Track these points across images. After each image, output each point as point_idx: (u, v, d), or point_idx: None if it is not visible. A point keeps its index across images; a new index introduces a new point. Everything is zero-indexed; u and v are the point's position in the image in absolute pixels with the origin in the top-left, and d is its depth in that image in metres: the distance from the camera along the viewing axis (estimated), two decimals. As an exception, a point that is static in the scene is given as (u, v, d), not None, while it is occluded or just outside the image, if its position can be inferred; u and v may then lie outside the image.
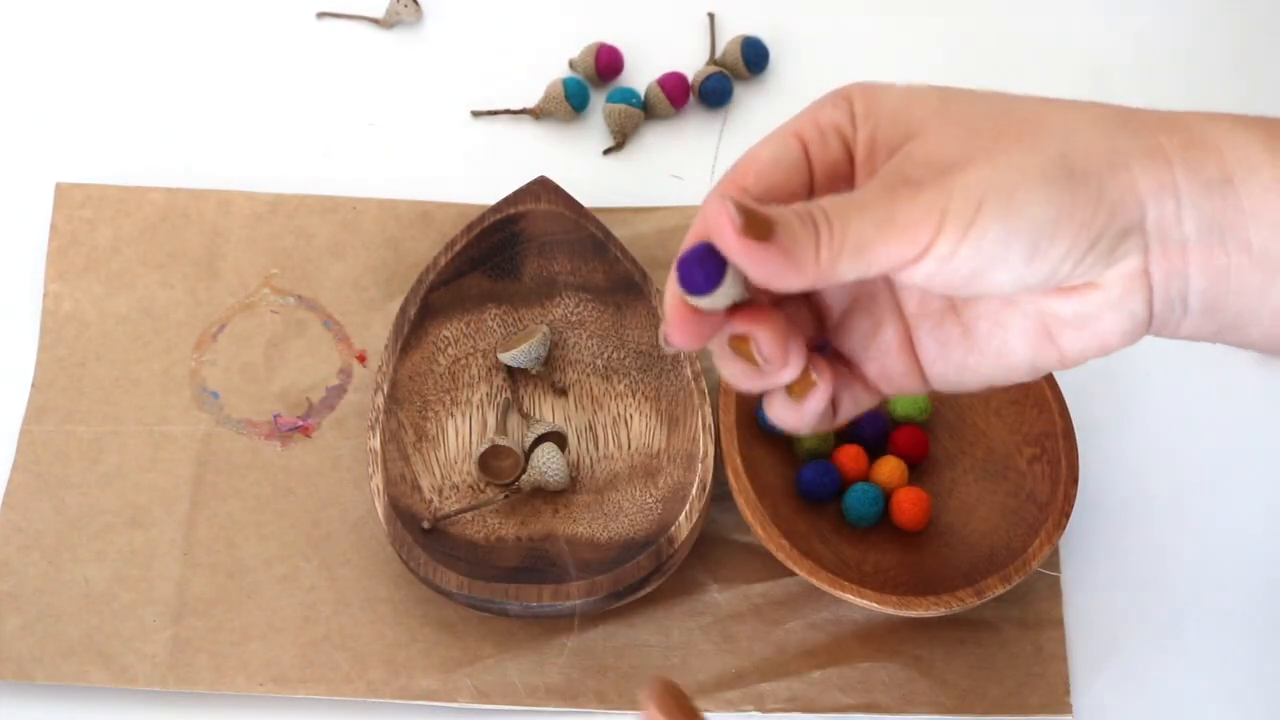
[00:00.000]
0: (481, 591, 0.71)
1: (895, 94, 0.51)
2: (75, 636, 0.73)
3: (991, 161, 0.48)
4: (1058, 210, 0.47)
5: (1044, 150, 0.48)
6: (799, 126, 0.52)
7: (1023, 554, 0.70)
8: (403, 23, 0.92)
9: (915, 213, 0.47)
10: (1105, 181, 0.48)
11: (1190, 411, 0.79)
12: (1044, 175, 0.47)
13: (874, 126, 0.51)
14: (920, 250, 0.47)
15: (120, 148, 0.87)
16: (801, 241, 0.47)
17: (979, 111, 0.50)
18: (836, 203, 0.48)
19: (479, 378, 0.78)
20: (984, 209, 0.47)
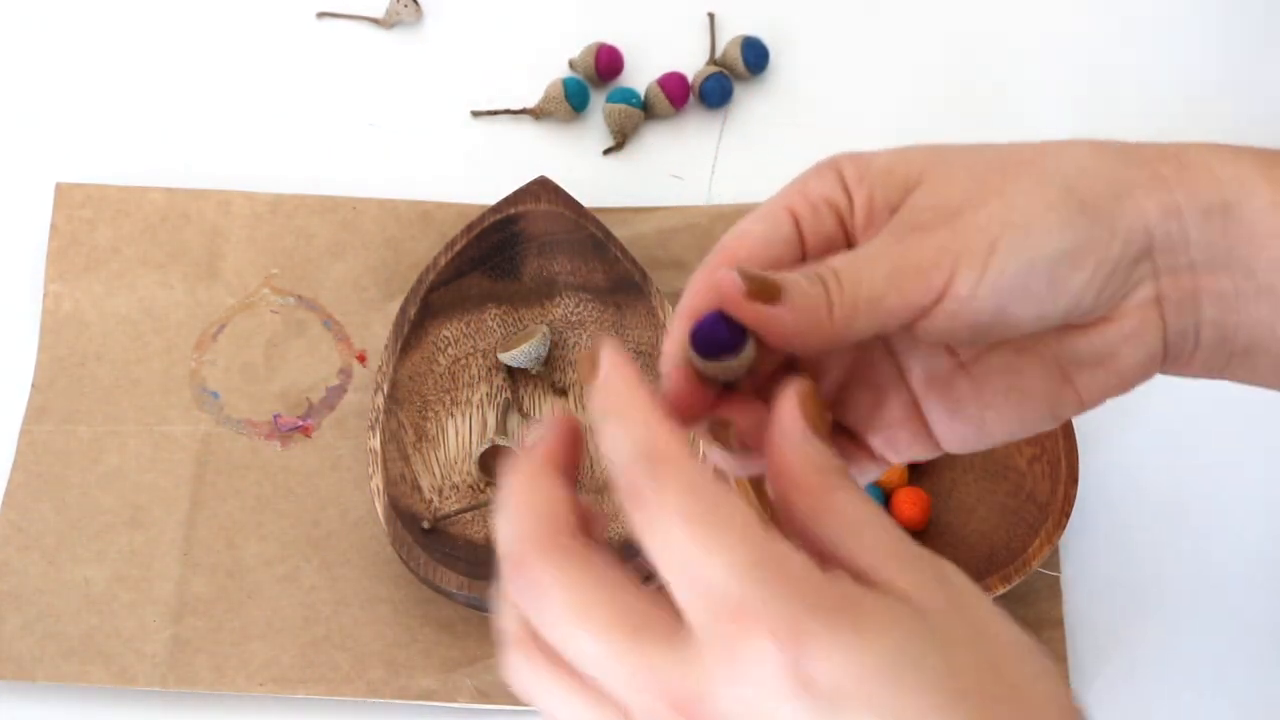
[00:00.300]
0: (481, 591, 0.71)
1: (886, 155, 0.50)
2: (75, 636, 0.73)
3: (1001, 198, 0.47)
4: (1074, 240, 0.47)
5: (1050, 184, 0.48)
6: (789, 201, 0.50)
7: (1023, 554, 0.70)
8: (403, 23, 0.92)
9: (927, 255, 0.46)
10: (1114, 209, 0.48)
11: (1190, 412, 0.79)
12: (1055, 207, 0.47)
13: (870, 188, 0.50)
14: (937, 294, 0.46)
15: (120, 148, 0.87)
16: (812, 301, 0.46)
17: (976, 158, 0.49)
18: (845, 258, 0.47)
19: (479, 378, 0.78)
20: (1000, 244, 0.46)
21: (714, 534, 0.40)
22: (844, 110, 0.88)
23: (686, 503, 0.41)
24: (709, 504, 0.41)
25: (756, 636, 0.39)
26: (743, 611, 0.39)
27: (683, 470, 0.41)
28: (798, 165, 0.50)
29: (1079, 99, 0.88)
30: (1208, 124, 0.54)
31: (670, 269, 0.81)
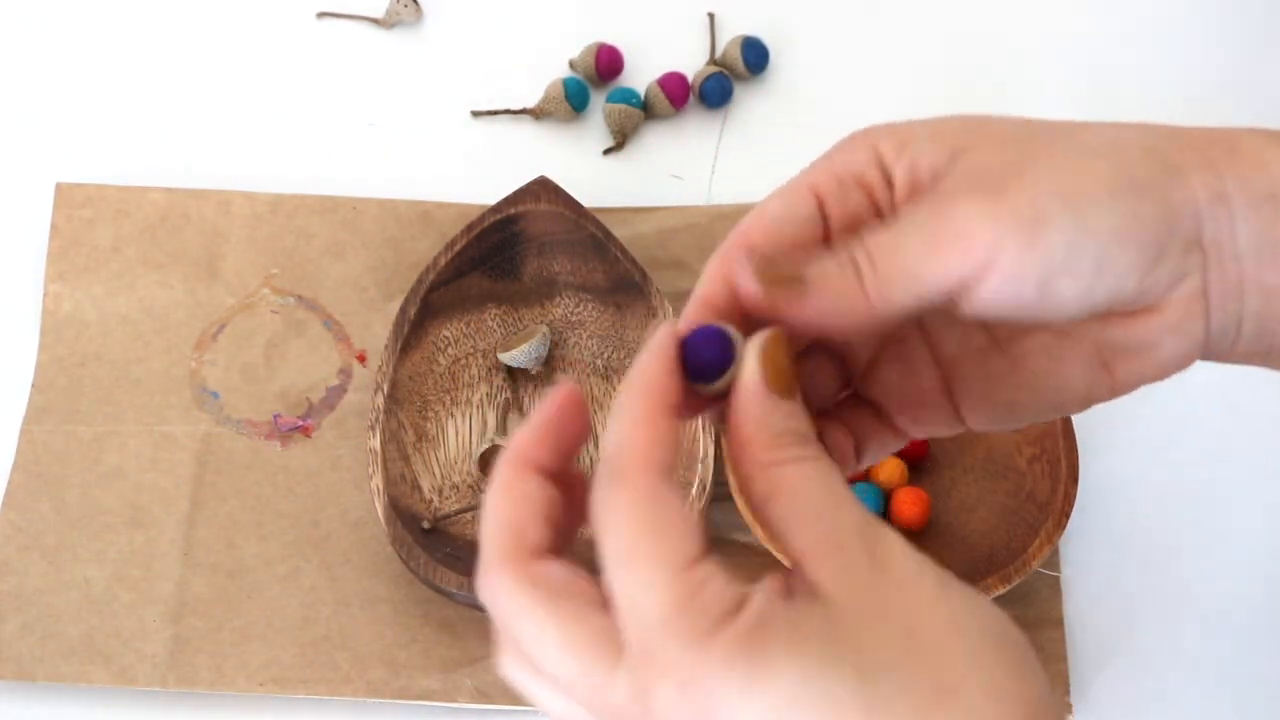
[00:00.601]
0: (481, 591, 0.71)
1: (927, 124, 0.48)
2: (75, 636, 0.73)
3: (1050, 168, 0.45)
4: (1124, 217, 0.45)
5: (1101, 157, 0.46)
6: (813, 179, 0.49)
7: (1023, 554, 0.70)
8: (403, 23, 0.92)
9: (969, 222, 0.44)
10: (1165, 188, 0.46)
11: (1190, 411, 0.79)
12: (1107, 181, 0.45)
13: (913, 157, 0.48)
14: (979, 263, 0.44)
15: (120, 148, 0.87)
16: (840, 285, 0.45)
17: (1023, 128, 0.48)
18: (878, 234, 0.45)
19: (479, 378, 0.78)
20: (1049, 213, 0.44)
21: (644, 563, 0.41)
22: (844, 110, 0.87)
23: (628, 523, 0.42)
24: (647, 529, 0.42)
25: (665, 685, 0.40)
26: (654, 658, 0.41)
27: (636, 487, 0.42)
28: (798, 165, 0.49)
29: (1079, 99, 0.87)
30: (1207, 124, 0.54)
31: (670, 269, 0.81)
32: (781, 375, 0.45)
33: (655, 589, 0.41)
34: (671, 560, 0.41)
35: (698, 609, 0.41)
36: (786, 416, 0.44)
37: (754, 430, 0.44)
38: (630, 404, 0.44)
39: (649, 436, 0.43)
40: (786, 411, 0.44)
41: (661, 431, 0.43)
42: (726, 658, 0.40)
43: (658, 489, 0.42)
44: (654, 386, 0.44)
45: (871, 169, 0.48)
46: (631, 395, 0.44)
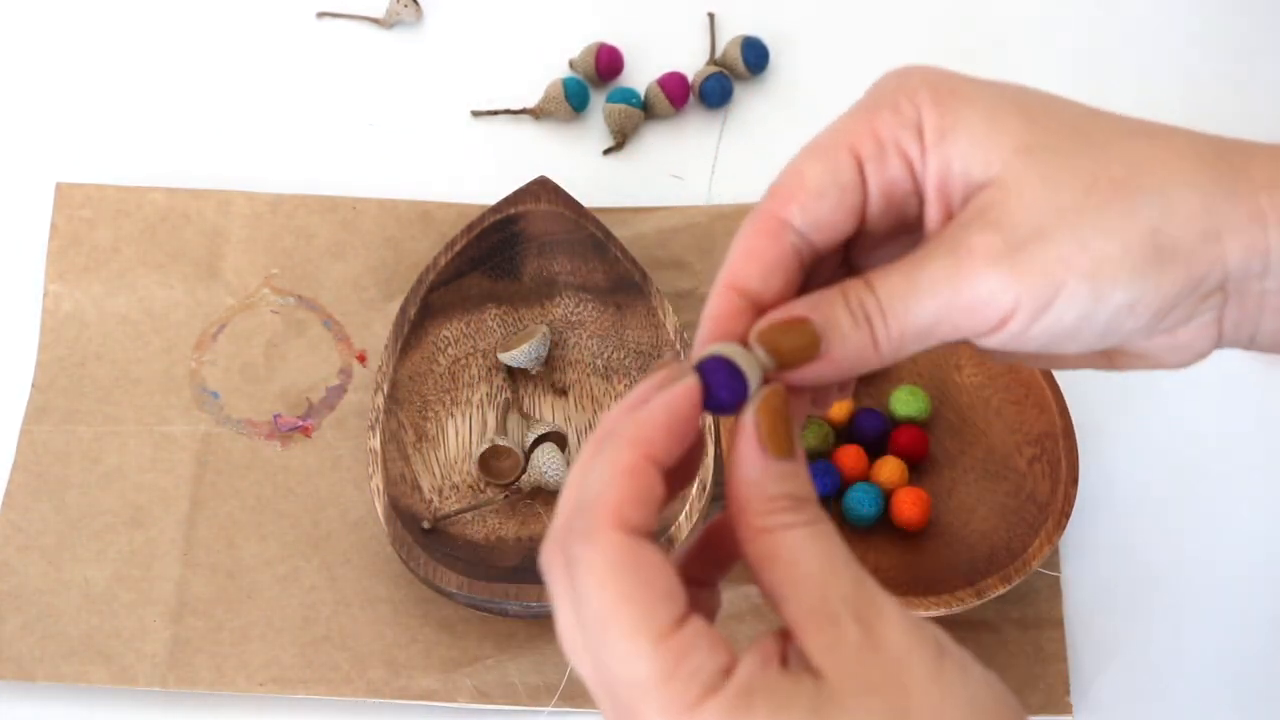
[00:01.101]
0: (481, 591, 0.71)
1: (976, 115, 0.46)
2: (75, 636, 0.73)
3: (1077, 233, 0.44)
4: (1140, 293, 0.45)
5: (1136, 221, 0.44)
6: (854, 138, 0.46)
7: (1023, 554, 0.70)
8: (403, 23, 0.92)
9: (984, 291, 0.44)
10: (1195, 256, 0.45)
11: (1190, 411, 0.79)
12: (1132, 255, 0.44)
13: (947, 158, 0.46)
14: (989, 328, 0.45)
15: (120, 148, 0.87)
16: (856, 345, 0.45)
17: (1068, 153, 0.45)
18: (893, 286, 0.45)
19: (479, 378, 0.78)
20: (1064, 291, 0.44)
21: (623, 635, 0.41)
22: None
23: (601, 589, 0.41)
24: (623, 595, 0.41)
25: None
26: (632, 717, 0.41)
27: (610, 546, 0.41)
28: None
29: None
30: (1207, 125, 0.54)
31: (670, 269, 0.81)
32: (779, 435, 0.44)
33: (637, 660, 0.40)
34: (651, 629, 0.41)
35: (682, 678, 0.40)
36: (781, 478, 0.43)
37: (748, 494, 0.43)
38: (616, 451, 0.43)
39: (629, 490, 0.42)
40: (782, 473, 0.43)
41: (643, 485, 0.42)
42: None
43: (632, 549, 0.41)
44: (647, 438, 0.43)
45: (912, 140, 0.46)
46: (620, 441, 0.43)
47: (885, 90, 0.47)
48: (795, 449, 0.44)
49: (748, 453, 0.43)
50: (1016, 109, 0.46)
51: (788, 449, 0.44)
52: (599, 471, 0.42)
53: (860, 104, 0.47)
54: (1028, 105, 0.46)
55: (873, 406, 0.77)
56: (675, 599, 0.41)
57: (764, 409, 0.44)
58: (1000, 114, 0.46)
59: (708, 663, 0.41)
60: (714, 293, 0.47)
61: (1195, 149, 0.46)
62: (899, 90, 0.46)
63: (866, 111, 0.47)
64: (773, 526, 0.43)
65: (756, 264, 0.46)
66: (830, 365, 0.45)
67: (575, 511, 0.42)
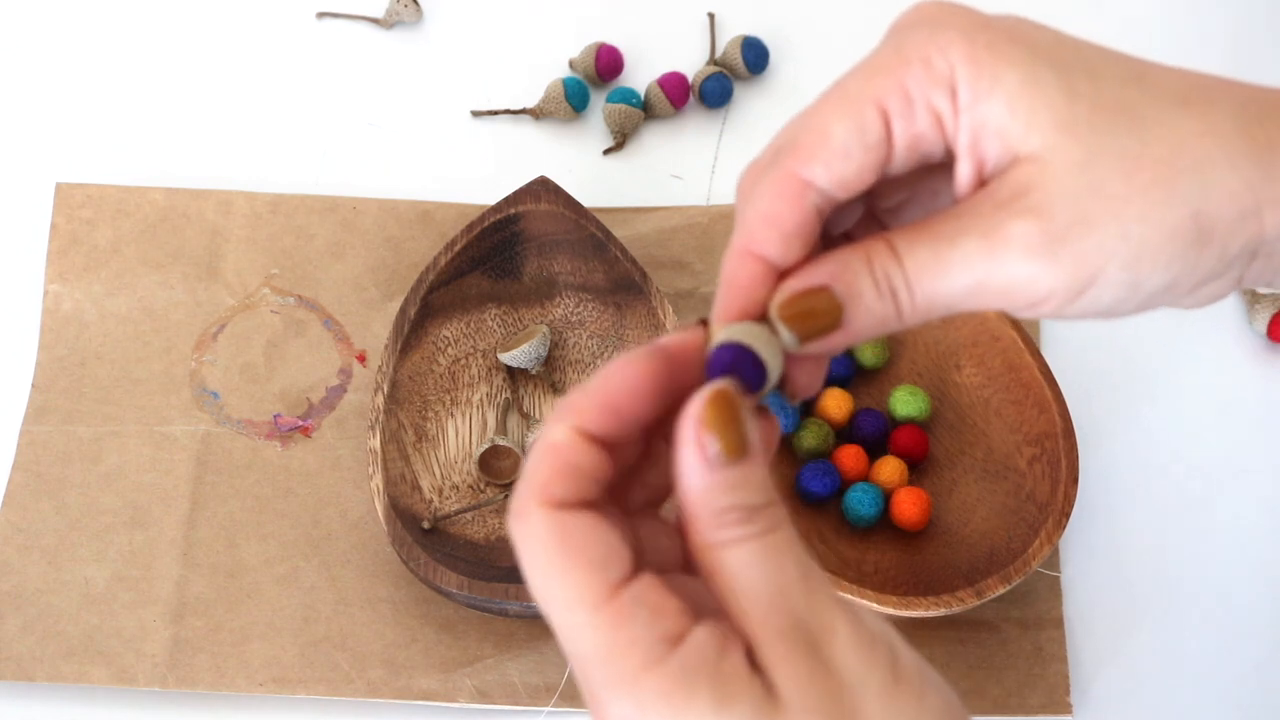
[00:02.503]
0: (481, 591, 0.71)
1: (1014, 77, 0.44)
2: (75, 636, 0.73)
3: (1119, 221, 0.43)
4: (1178, 274, 0.44)
5: (1176, 205, 0.43)
6: (881, 93, 0.44)
7: (1023, 554, 0.70)
8: (403, 23, 0.92)
9: (1018, 276, 0.43)
10: (1232, 234, 0.44)
11: (1190, 411, 0.79)
12: (1174, 240, 0.44)
13: (982, 120, 0.44)
14: (1021, 308, 0.44)
15: (120, 148, 0.87)
16: (879, 315, 0.44)
17: (1110, 131, 0.44)
18: (920, 260, 0.43)
19: (479, 378, 0.78)
20: (1101, 278, 0.44)
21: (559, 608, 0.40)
22: None
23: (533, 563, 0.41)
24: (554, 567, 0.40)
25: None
26: (594, 696, 0.40)
27: (535, 522, 0.41)
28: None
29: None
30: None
31: (670, 269, 0.81)
32: (729, 440, 0.41)
33: (578, 633, 0.40)
34: (585, 599, 0.40)
35: (622, 647, 0.40)
36: (730, 489, 0.41)
37: (694, 508, 0.41)
38: (546, 427, 0.42)
39: (551, 466, 0.41)
40: (730, 482, 0.41)
41: (567, 460, 0.41)
42: (656, 700, 0.39)
43: (557, 523, 0.40)
44: (578, 409, 0.42)
45: (944, 98, 0.44)
46: (551, 417, 0.42)
47: (915, 40, 0.45)
48: (747, 449, 0.42)
49: (692, 463, 0.41)
50: (1055, 74, 0.44)
51: (739, 450, 0.41)
52: (531, 453, 0.42)
53: (886, 51, 0.45)
54: (1067, 68, 0.44)
55: (873, 406, 0.77)
56: (610, 564, 0.40)
57: (708, 418, 0.41)
58: (1039, 80, 0.44)
59: (648, 631, 0.40)
60: (732, 257, 0.45)
61: (1237, 120, 0.44)
62: (930, 42, 0.44)
63: (894, 64, 0.45)
64: (721, 541, 0.41)
65: (777, 230, 0.44)
66: (851, 335, 0.44)
67: (515, 493, 0.42)
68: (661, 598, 0.41)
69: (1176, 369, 0.79)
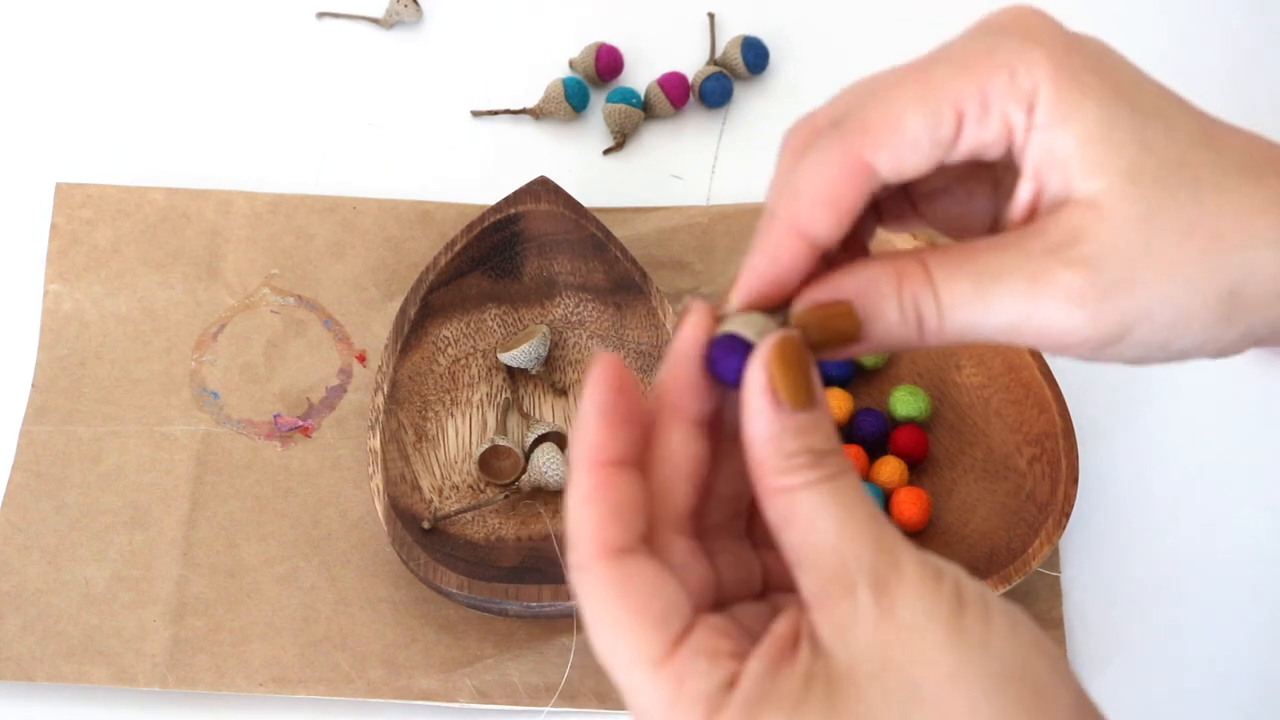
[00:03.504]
0: (481, 591, 0.71)
1: (1092, 113, 0.44)
2: (75, 636, 0.73)
3: (1165, 286, 0.43)
4: (1205, 341, 0.45)
5: (1219, 278, 0.44)
6: (960, 93, 0.44)
7: (1023, 554, 0.70)
8: (403, 23, 0.92)
9: (1056, 323, 0.43)
10: (1263, 311, 0.45)
11: (1190, 411, 0.79)
12: (1207, 309, 0.44)
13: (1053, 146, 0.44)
14: (1049, 348, 0.45)
15: (120, 148, 0.87)
16: (899, 337, 0.44)
17: (1172, 191, 0.44)
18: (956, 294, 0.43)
19: (479, 378, 0.78)
20: (1133, 334, 0.44)
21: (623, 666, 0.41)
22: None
23: (596, 621, 0.41)
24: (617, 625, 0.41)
25: None
26: None
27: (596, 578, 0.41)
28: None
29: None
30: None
31: (670, 269, 0.81)
32: (796, 385, 0.42)
33: (640, 690, 0.40)
34: (647, 658, 0.41)
35: (686, 704, 0.40)
36: (799, 433, 0.42)
37: (763, 452, 0.42)
38: (573, 474, 0.42)
39: (599, 513, 0.41)
40: (799, 426, 0.42)
41: (609, 503, 0.41)
42: None
43: (618, 577, 0.41)
44: (596, 445, 0.42)
45: (1020, 113, 0.44)
46: (573, 461, 0.42)
47: (1003, 48, 0.45)
48: (814, 398, 0.42)
49: (760, 407, 0.42)
50: (1131, 118, 0.44)
51: (807, 399, 0.42)
52: (570, 505, 0.42)
53: (975, 50, 0.45)
54: (1144, 115, 0.45)
55: (873, 406, 0.77)
56: (670, 618, 0.41)
57: (775, 360, 0.42)
58: (1116, 120, 0.44)
59: (708, 682, 0.40)
60: (775, 228, 0.44)
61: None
62: (1018, 55, 0.44)
63: (981, 66, 0.44)
64: (789, 486, 0.41)
65: (833, 211, 0.44)
66: (864, 349, 0.44)
67: (569, 546, 0.42)
68: (717, 640, 0.41)
69: (1176, 369, 0.79)
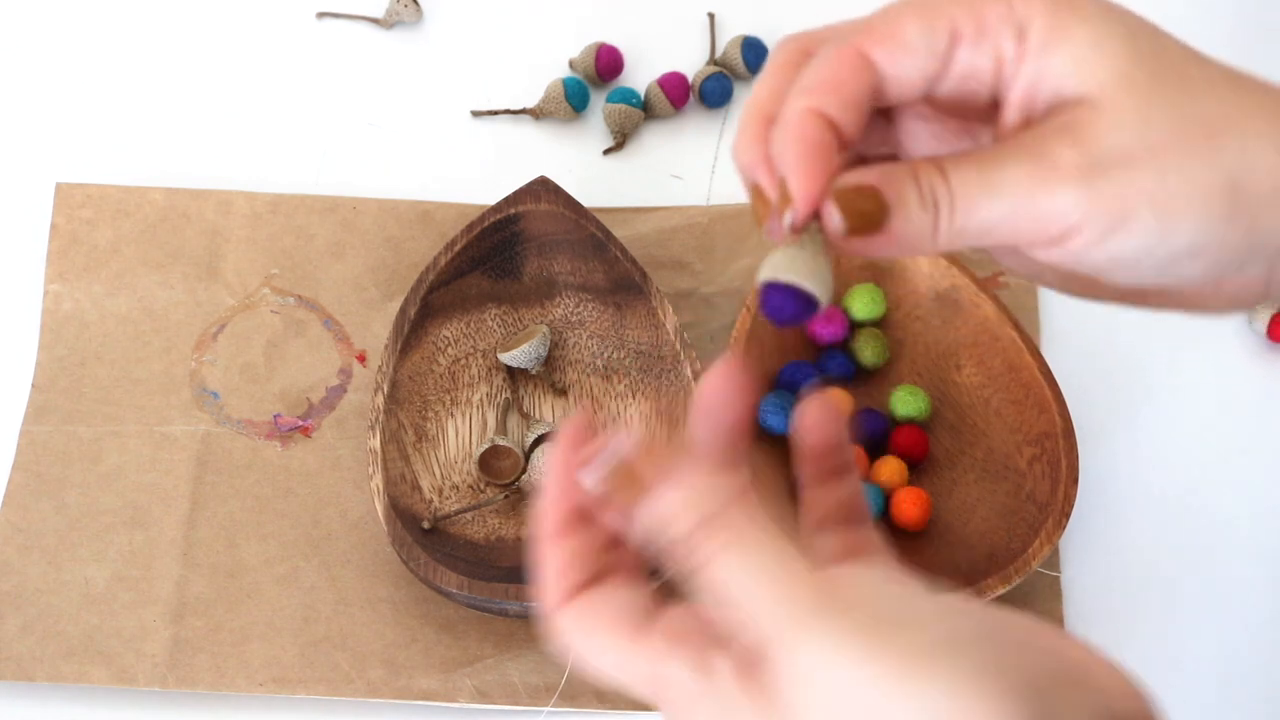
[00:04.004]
0: (481, 591, 0.71)
1: (1084, 34, 0.45)
2: (75, 636, 0.73)
3: (1158, 168, 0.45)
4: (1205, 238, 0.45)
5: (1216, 168, 0.45)
6: (958, 14, 0.46)
7: (1023, 554, 0.70)
8: (403, 23, 0.92)
9: (1054, 205, 0.45)
10: (1264, 213, 0.45)
11: (1190, 411, 0.79)
12: (1208, 200, 0.45)
13: (1043, 70, 0.46)
14: (1049, 240, 0.45)
15: (120, 148, 0.87)
16: (918, 227, 0.45)
17: (1165, 90, 0.45)
18: (967, 179, 0.45)
19: (479, 378, 0.78)
20: (1133, 219, 0.45)
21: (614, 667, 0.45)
22: None
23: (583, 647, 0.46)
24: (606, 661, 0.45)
25: None
26: None
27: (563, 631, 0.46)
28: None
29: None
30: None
31: (670, 269, 0.81)
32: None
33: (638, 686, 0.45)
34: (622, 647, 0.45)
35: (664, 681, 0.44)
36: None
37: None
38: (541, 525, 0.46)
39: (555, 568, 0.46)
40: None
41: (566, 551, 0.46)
42: None
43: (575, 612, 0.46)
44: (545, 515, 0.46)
45: (1011, 40, 0.46)
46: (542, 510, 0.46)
47: None
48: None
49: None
50: (1124, 37, 0.46)
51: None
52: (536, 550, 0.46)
53: None
54: (1135, 35, 0.46)
55: (873, 407, 0.77)
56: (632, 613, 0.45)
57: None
58: (1108, 38, 0.46)
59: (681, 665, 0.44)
60: (796, 113, 0.46)
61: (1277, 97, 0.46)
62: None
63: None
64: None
65: (838, 94, 0.45)
66: (889, 242, 0.45)
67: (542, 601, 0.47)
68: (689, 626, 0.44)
69: (1176, 369, 0.79)
